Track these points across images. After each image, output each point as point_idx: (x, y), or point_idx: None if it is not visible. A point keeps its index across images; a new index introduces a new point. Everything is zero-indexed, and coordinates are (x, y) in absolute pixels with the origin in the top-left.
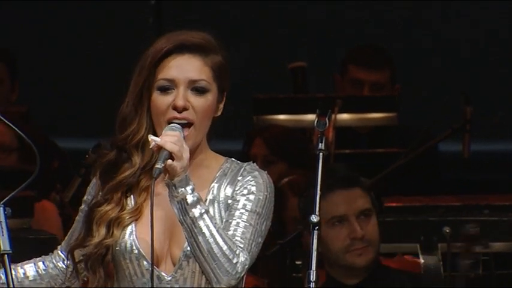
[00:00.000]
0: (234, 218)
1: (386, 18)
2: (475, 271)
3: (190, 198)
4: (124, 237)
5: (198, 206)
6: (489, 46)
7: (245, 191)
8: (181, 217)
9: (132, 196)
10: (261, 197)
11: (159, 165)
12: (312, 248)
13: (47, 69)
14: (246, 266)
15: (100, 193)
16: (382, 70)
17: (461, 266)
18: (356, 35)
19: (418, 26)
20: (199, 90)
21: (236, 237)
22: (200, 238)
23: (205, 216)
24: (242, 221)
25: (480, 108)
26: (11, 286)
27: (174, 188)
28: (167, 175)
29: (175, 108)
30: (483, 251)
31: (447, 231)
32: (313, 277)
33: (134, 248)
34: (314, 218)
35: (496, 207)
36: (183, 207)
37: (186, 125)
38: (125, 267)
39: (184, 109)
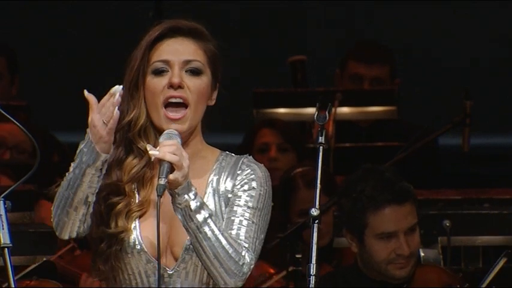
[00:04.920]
0: (236, 215)
1: (387, 18)
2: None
3: (193, 205)
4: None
5: (202, 211)
6: (491, 43)
7: (246, 187)
8: (185, 223)
9: (136, 188)
10: (262, 192)
11: (162, 182)
12: (312, 242)
13: (47, 64)
14: (252, 266)
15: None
16: (381, 65)
17: None
18: (356, 33)
19: (419, 26)
20: (194, 72)
21: (240, 237)
22: (205, 243)
23: (209, 220)
24: (245, 219)
25: (480, 102)
26: (11, 280)
27: (177, 196)
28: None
29: (171, 86)
30: (483, 245)
31: (447, 224)
32: (313, 271)
33: (137, 243)
34: (314, 212)
35: (496, 200)
36: (187, 213)
37: (182, 105)
38: (126, 261)
39: (179, 87)
